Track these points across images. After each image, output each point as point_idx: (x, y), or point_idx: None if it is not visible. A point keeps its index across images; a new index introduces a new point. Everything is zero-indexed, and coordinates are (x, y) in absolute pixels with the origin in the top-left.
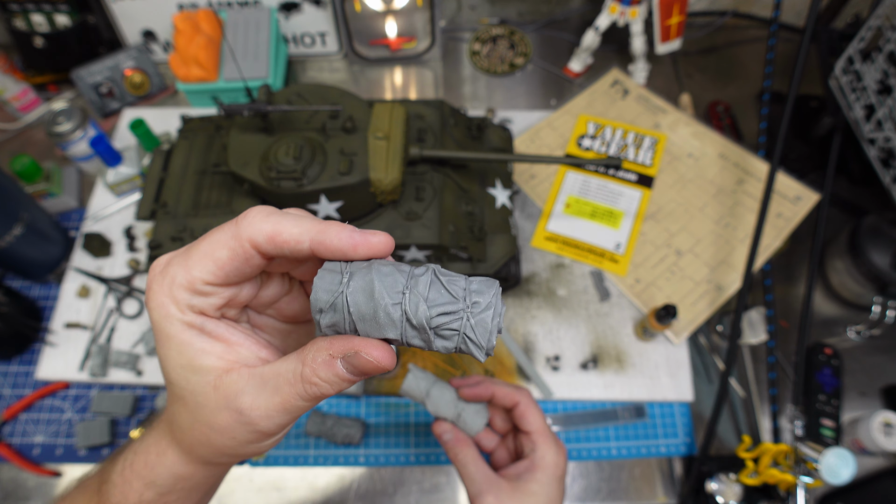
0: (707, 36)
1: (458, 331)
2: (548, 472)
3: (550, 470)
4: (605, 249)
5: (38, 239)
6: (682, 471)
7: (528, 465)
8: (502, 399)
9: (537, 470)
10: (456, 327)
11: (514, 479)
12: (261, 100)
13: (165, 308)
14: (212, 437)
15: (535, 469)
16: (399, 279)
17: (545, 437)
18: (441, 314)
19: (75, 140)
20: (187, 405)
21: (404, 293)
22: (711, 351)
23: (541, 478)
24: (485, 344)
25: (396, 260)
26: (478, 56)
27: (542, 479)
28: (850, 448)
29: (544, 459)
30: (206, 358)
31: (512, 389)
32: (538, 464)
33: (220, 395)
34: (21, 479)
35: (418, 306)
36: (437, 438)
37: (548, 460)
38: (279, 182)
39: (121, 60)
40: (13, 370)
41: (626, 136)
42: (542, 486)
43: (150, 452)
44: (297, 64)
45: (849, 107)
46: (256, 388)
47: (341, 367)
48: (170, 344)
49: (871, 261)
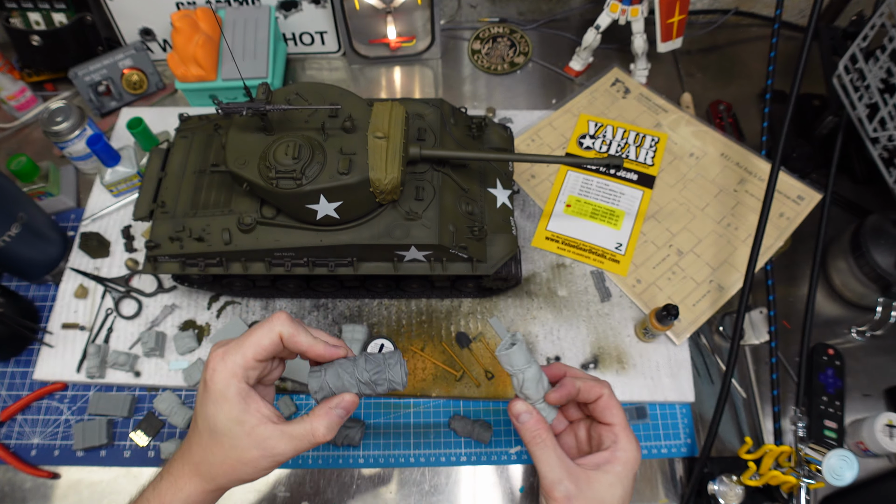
0: (709, 34)
1: (386, 379)
2: (627, 466)
3: (631, 464)
4: (606, 249)
5: (35, 239)
6: (684, 472)
7: (608, 456)
8: (587, 394)
9: (617, 463)
10: (383, 378)
11: (593, 468)
12: (259, 99)
13: (227, 381)
14: (237, 467)
15: (615, 462)
16: (349, 365)
17: (627, 431)
18: (374, 374)
19: (73, 139)
20: (223, 447)
21: (355, 369)
22: (713, 352)
23: (620, 471)
24: (399, 381)
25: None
26: (478, 55)
27: (621, 472)
28: (852, 450)
29: (626, 453)
30: (247, 415)
31: (595, 383)
32: (619, 457)
33: (252, 439)
34: (18, 481)
35: (363, 374)
36: (513, 419)
37: (628, 455)
38: (278, 181)
39: (119, 59)
40: (10, 371)
41: (626, 136)
42: (620, 480)
43: (165, 493)
44: (297, 63)
45: (852, 105)
46: (278, 437)
47: (334, 412)
48: (226, 405)
49: (875, 261)
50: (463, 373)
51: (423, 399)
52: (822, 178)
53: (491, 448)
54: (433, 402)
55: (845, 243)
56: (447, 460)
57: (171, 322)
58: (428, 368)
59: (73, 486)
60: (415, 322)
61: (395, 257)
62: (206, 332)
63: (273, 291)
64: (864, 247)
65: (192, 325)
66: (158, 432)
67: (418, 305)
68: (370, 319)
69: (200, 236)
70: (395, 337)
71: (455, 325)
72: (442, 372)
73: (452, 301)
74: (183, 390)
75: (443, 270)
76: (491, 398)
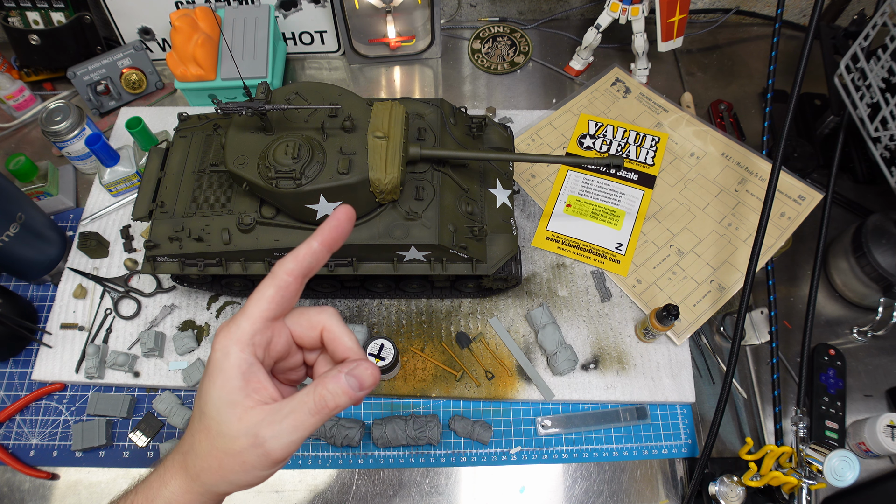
0: (709, 34)
1: (426, 437)
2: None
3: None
4: (607, 249)
5: (33, 239)
6: (685, 473)
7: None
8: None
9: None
10: (423, 436)
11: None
12: (259, 98)
13: (227, 349)
14: (224, 461)
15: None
16: (402, 423)
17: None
18: (417, 431)
19: (71, 139)
20: (210, 433)
21: (405, 427)
22: (713, 352)
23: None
24: (435, 439)
25: (397, 261)
26: (478, 54)
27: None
28: (854, 450)
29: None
30: (241, 396)
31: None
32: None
33: (242, 424)
34: (16, 482)
35: (411, 431)
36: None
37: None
38: (278, 181)
39: (117, 58)
40: (8, 371)
41: (627, 136)
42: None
43: (152, 487)
44: (296, 62)
45: (853, 105)
46: (272, 415)
47: (344, 380)
48: (219, 379)
49: (876, 261)
50: (463, 373)
51: (423, 399)
52: (823, 177)
53: (491, 448)
54: (433, 403)
55: (846, 243)
56: (447, 460)
57: (170, 322)
58: (428, 369)
59: (71, 487)
60: (415, 322)
61: (394, 257)
62: (205, 333)
63: None
64: (866, 247)
65: (192, 326)
66: (158, 433)
67: (418, 305)
68: (370, 319)
69: (200, 236)
70: (394, 337)
71: (455, 325)
72: (442, 372)
73: (452, 301)
74: (182, 391)
75: (443, 270)
76: (491, 398)
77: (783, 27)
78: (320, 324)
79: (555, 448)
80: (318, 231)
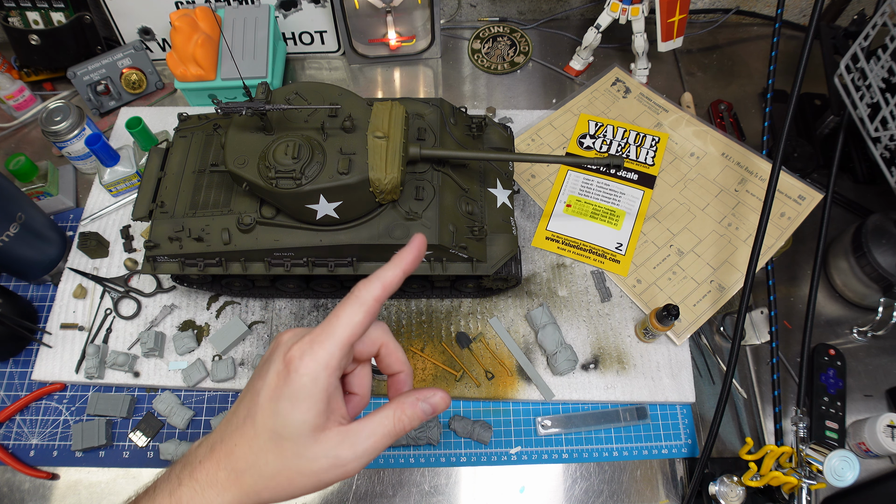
0: (709, 34)
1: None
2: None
3: None
4: (607, 249)
5: (33, 239)
6: (685, 473)
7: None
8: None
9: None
10: (423, 435)
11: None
12: (259, 98)
13: (317, 374)
14: (296, 479)
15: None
16: None
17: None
18: (418, 430)
19: (71, 139)
20: (284, 454)
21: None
22: (713, 352)
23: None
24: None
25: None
26: (478, 54)
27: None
28: (854, 450)
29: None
30: (324, 419)
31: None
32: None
33: (321, 447)
34: (16, 482)
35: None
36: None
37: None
38: (278, 181)
39: (117, 58)
40: (8, 371)
41: (627, 136)
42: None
43: (186, 496)
44: (296, 62)
45: (853, 105)
46: (352, 437)
47: (420, 406)
48: (305, 404)
49: (876, 261)
50: (463, 373)
51: None
52: (823, 177)
53: (491, 448)
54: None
55: (846, 243)
56: (447, 460)
57: (170, 322)
58: (428, 369)
59: (71, 487)
60: (415, 322)
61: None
62: (205, 333)
63: (273, 291)
64: (866, 247)
65: (192, 326)
66: (158, 433)
67: (418, 305)
68: None
69: (200, 236)
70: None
71: (455, 325)
72: (442, 372)
73: (452, 301)
74: (182, 391)
75: (443, 270)
76: (491, 398)
77: (783, 27)
78: (380, 340)
79: (555, 448)
80: (402, 259)
